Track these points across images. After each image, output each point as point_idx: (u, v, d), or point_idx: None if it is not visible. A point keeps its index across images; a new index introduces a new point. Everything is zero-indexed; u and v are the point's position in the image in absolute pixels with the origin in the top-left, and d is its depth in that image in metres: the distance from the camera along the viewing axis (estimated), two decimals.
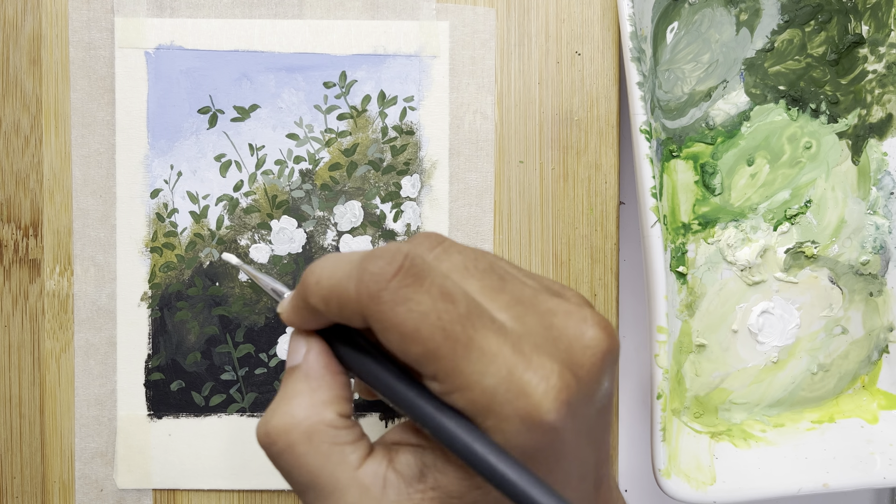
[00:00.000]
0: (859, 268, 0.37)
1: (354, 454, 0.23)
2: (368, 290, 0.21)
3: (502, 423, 0.20)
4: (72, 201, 0.34)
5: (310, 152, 0.35)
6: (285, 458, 0.23)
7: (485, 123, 0.35)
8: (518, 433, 0.20)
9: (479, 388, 0.20)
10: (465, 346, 0.21)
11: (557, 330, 0.22)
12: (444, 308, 0.21)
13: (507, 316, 0.22)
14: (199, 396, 0.35)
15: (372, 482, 0.22)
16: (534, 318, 0.22)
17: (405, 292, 0.21)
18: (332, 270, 0.22)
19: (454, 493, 0.22)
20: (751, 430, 0.37)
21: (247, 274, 0.30)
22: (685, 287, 0.36)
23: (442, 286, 0.21)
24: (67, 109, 0.34)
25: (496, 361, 0.21)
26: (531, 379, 0.21)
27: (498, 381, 0.20)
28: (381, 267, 0.21)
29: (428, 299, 0.21)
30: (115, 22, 0.34)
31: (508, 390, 0.20)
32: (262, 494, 0.35)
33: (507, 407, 0.20)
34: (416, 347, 0.21)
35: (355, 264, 0.22)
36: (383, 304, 0.21)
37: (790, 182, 0.37)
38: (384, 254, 0.21)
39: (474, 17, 0.35)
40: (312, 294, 0.22)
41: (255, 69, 0.34)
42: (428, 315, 0.20)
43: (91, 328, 0.34)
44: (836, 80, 0.37)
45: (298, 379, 0.23)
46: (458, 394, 0.21)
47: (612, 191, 0.35)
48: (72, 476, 0.35)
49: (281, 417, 0.23)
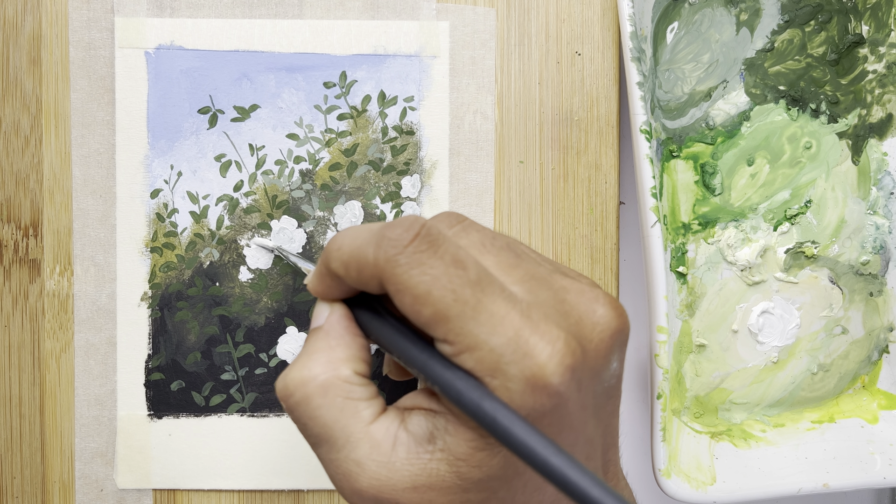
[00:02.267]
0: (859, 268, 0.37)
1: (368, 410, 0.23)
2: (386, 254, 0.22)
3: (508, 382, 0.21)
4: (72, 201, 0.34)
5: (310, 152, 0.35)
6: (302, 410, 0.24)
7: (485, 123, 0.35)
8: (523, 393, 0.21)
9: (487, 348, 0.21)
10: (473, 308, 0.21)
11: (569, 305, 0.23)
12: (455, 273, 0.22)
13: (519, 289, 0.23)
14: (200, 396, 0.35)
15: (383, 438, 0.23)
16: (546, 293, 0.23)
17: (419, 257, 0.22)
18: (354, 237, 0.23)
19: (461, 455, 0.22)
20: (751, 430, 0.37)
21: (281, 255, 0.32)
22: (685, 287, 0.36)
23: (455, 254, 0.22)
24: (67, 109, 0.34)
25: (503, 323, 0.21)
26: (537, 342, 0.21)
27: (505, 341, 0.21)
28: (398, 234, 0.22)
29: (440, 264, 0.22)
30: (115, 22, 0.34)
31: (515, 351, 0.21)
32: (262, 494, 0.35)
33: (513, 367, 0.21)
34: (427, 309, 0.22)
35: (375, 231, 0.23)
36: (399, 267, 0.22)
37: (790, 182, 0.37)
38: (403, 222, 0.22)
39: (474, 17, 0.35)
40: (334, 259, 0.24)
41: (255, 69, 0.34)
42: (439, 279, 0.22)
43: (91, 328, 0.34)
44: (836, 80, 0.37)
45: (319, 338, 0.25)
46: (466, 354, 0.22)
47: (612, 191, 0.35)
48: (72, 476, 0.35)
49: (299, 371, 0.24)
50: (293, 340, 0.35)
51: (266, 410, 0.35)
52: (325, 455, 0.24)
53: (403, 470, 0.23)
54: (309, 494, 0.35)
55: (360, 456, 0.23)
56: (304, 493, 0.35)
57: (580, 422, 0.23)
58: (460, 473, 0.22)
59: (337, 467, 0.23)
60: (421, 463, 0.22)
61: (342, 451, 0.23)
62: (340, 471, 0.23)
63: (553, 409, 0.22)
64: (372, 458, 0.23)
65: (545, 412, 0.21)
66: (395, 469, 0.23)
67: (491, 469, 0.22)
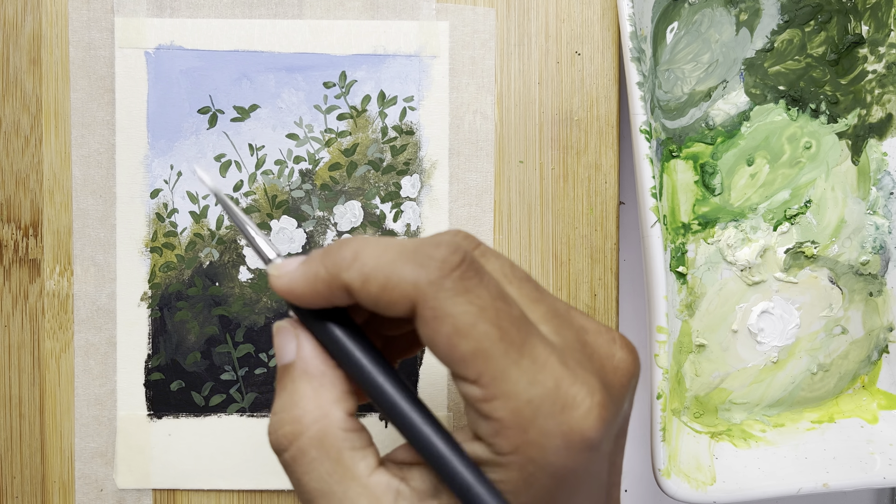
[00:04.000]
0: (859, 268, 0.37)
1: (364, 461, 0.22)
2: (429, 276, 0.20)
3: (544, 438, 0.20)
4: (72, 201, 0.34)
5: (310, 152, 0.35)
6: (297, 466, 0.22)
7: (485, 123, 0.35)
8: (558, 450, 0.20)
9: (525, 398, 0.20)
10: (518, 350, 0.20)
11: (590, 348, 0.22)
12: (501, 307, 0.20)
13: (547, 328, 0.21)
14: (199, 396, 0.35)
15: (384, 493, 0.22)
16: (570, 333, 0.22)
17: (467, 284, 0.20)
18: (380, 251, 0.21)
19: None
20: (751, 430, 0.37)
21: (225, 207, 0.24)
22: (685, 287, 0.36)
23: (498, 285, 0.21)
24: (67, 109, 0.34)
25: (544, 371, 0.20)
26: (577, 393, 0.20)
27: (545, 392, 0.20)
28: (444, 255, 0.20)
29: (487, 295, 0.20)
30: (115, 22, 0.34)
31: (554, 403, 0.20)
32: (262, 494, 0.35)
33: (551, 421, 0.20)
34: (467, 343, 0.20)
35: (412, 249, 0.21)
36: (443, 291, 0.20)
37: (790, 182, 0.37)
38: (446, 243, 0.20)
39: (474, 17, 0.35)
40: (351, 270, 0.21)
41: (255, 69, 0.34)
42: (486, 311, 0.20)
43: (91, 328, 0.34)
44: (835, 80, 0.37)
45: (299, 378, 0.23)
46: (500, 401, 0.20)
47: (612, 191, 0.35)
48: (72, 476, 0.35)
49: (291, 425, 0.22)
50: None
51: (266, 410, 0.35)
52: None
53: None
54: None
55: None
56: None
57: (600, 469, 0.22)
58: None
59: None
60: None
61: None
62: None
63: (585, 465, 0.20)
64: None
65: (577, 468, 0.20)
66: None
67: None
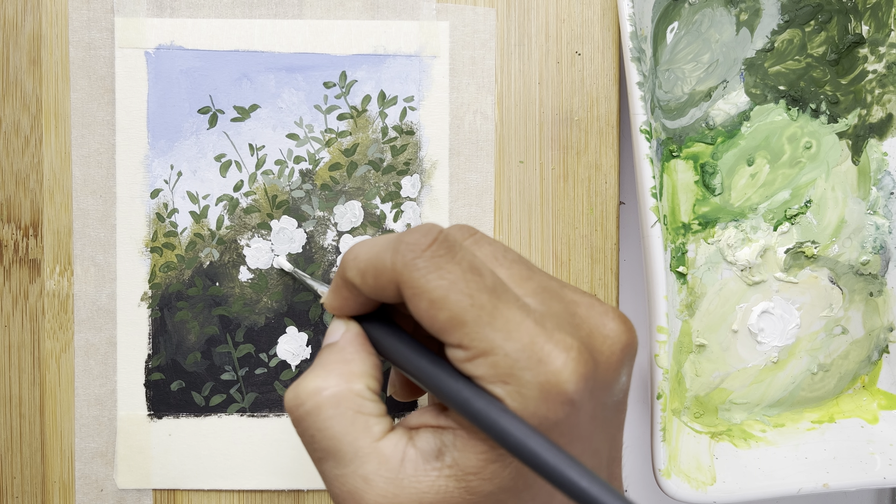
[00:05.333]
0: (859, 268, 0.37)
1: (378, 426, 0.23)
2: (404, 258, 0.22)
3: (522, 388, 0.21)
4: (72, 201, 0.34)
5: (310, 152, 0.35)
6: (311, 420, 0.24)
7: (485, 123, 0.35)
8: (536, 400, 0.21)
9: (502, 353, 0.21)
10: (489, 314, 0.22)
11: (579, 318, 0.23)
12: (472, 278, 0.22)
13: (532, 300, 0.23)
14: (199, 396, 0.35)
15: (392, 454, 0.23)
16: (558, 305, 0.23)
17: (437, 262, 0.22)
18: (371, 246, 0.24)
19: (471, 468, 0.22)
20: (751, 430, 0.37)
21: (298, 278, 0.33)
22: (685, 287, 0.36)
23: (471, 261, 0.22)
24: (67, 109, 0.34)
25: (519, 330, 0.22)
26: (552, 350, 0.21)
27: (520, 347, 0.21)
28: (416, 238, 0.22)
29: (458, 269, 0.22)
30: (115, 22, 0.34)
31: (530, 357, 0.21)
32: (262, 494, 0.35)
33: (528, 373, 0.21)
34: (443, 313, 0.22)
35: (392, 238, 0.23)
36: (416, 270, 0.22)
37: (790, 182, 0.37)
38: (420, 229, 0.23)
39: (474, 17, 0.35)
40: (350, 268, 0.24)
41: (255, 69, 0.34)
42: (457, 283, 0.22)
43: (91, 328, 0.34)
44: (836, 80, 0.37)
45: (334, 352, 0.25)
46: (480, 359, 0.22)
47: (612, 191, 0.35)
48: (72, 476, 0.35)
49: (312, 381, 0.24)
50: (293, 340, 0.35)
51: (266, 410, 0.35)
52: (331, 471, 0.23)
53: (411, 487, 0.22)
54: (309, 494, 0.35)
55: (368, 471, 0.23)
56: (304, 493, 0.35)
57: (589, 433, 0.23)
58: (470, 488, 0.22)
59: (342, 484, 0.23)
60: (429, 480, 0.22)
61: (349, 466, 0.23)
62: (346, 488, 0.23)
63: (565, 418, 0.22)
64: (380, 475, 0.23)
65: (558, 420, 0.22)
66: (403, 486, 0.22)
67: (502, 481, 0.22)
